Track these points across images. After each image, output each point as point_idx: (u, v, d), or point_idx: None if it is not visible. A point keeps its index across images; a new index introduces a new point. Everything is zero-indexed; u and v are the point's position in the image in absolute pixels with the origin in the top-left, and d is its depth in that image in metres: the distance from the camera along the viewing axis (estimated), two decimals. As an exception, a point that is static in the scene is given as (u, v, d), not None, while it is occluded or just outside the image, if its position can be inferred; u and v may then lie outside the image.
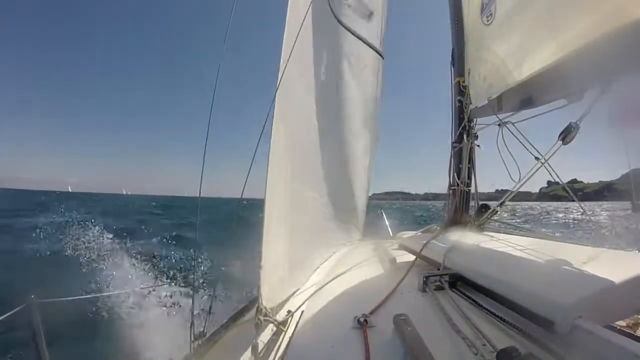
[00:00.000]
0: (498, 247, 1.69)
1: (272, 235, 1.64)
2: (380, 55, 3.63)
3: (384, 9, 3.74)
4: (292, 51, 1.71)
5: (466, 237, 1.94)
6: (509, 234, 2.23)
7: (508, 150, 2.37)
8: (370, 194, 3.94)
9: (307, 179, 2.31)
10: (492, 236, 2.22)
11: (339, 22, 2.87)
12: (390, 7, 3.82)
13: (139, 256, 8.46)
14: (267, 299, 1.56)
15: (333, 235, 3.05)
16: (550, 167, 1.97)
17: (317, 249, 2.59)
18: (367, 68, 3.43)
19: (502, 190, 2.47)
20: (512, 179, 2.26)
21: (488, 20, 2.56)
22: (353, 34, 3.07)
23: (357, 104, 3.36)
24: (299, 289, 1.89)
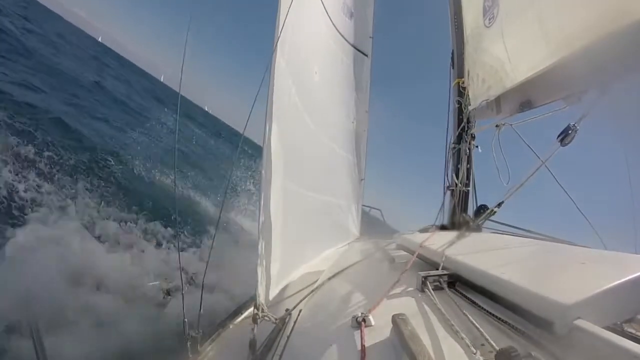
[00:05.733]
0: (497, 247, 1.69)
1: (268, 233, 1.64)
2: (363, 53, 3.68)
3: (369, 8, 3.80)
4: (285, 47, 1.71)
5: (465, 237, 1.94)
6: (507, 234, 2.24)
7: (502, 152, 2.38)
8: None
9: (303, 177, 2.31)
10: (490, 236, 2.22)
11: (331, 20, 2.87)
12: (378, 7, 3.90)
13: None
14: (265, 297, 1.55)
15: (330, 234, 3.05)
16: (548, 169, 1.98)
17: (315, 248, 2.59)
18: (352, 66, 3.47)
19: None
20: (501, 180, 2.27)
21: (489, 23, 2.57)
22: (338, 31, 3.09)
23: (346, 102, 3.39)
24: (296, 287, 1.88)
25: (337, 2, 3.10)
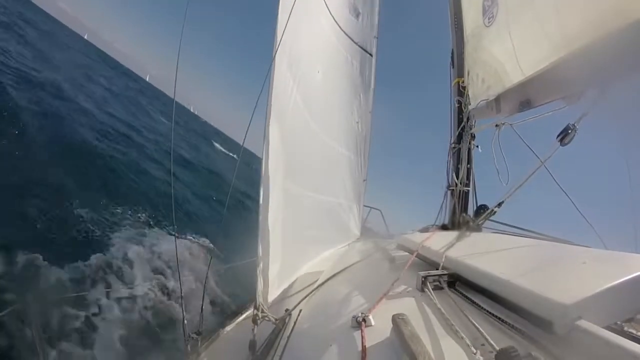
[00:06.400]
0: (497, 247, 1.69)
1: (268, 233, 1.64)
2: (368, 53, 3.67)
3: (375, 8, 3.79)
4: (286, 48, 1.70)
5: (465, 237, 1.93)
6: (507, 234, 2.23)
7: (502, 152, 2.38)
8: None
9: (303, 178, 2.31)
10: (490, 236, 2.22)
11: (334, 19, 2.86)
12: (383, 7, 3.89)
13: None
14: (265, 297, 1.55)
15: (331, 234, 3.05)
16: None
17: (315, 248, 2.59)
18: (357, 65, 3.46)
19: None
20: (501, 180, 2.27)
21: (489, 22, 2.57)
22: (343, 30, 3.08)
23: (350, 101, 3.38)
24: (296, 288, 1.88)
25: (342, 2, 3.09)
